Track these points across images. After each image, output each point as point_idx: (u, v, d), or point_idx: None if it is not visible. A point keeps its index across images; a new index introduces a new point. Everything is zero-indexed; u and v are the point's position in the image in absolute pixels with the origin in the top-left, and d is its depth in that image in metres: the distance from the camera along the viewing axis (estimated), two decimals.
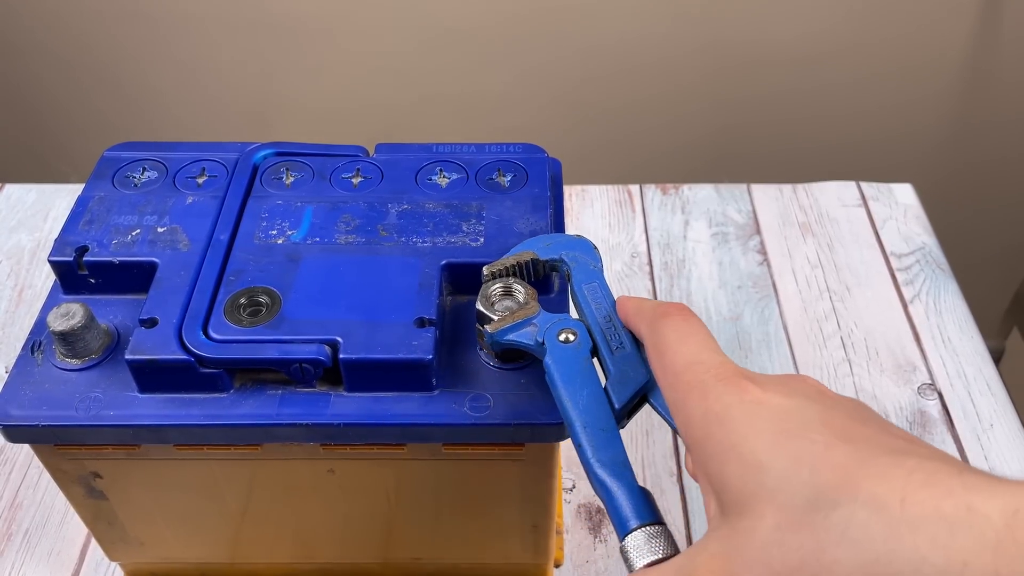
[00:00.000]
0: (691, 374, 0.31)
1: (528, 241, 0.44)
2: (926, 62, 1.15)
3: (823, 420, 0.28)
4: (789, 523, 0.26)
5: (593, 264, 0.43)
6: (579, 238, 0.44)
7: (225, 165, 0.51)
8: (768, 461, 0.27)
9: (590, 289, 0.42)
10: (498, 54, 1.15)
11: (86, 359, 0.43)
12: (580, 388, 0.37)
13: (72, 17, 1.14)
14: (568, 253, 0.43)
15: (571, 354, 0.39)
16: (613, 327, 0.40)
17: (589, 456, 0.35)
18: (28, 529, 0.59)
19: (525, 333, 0.40)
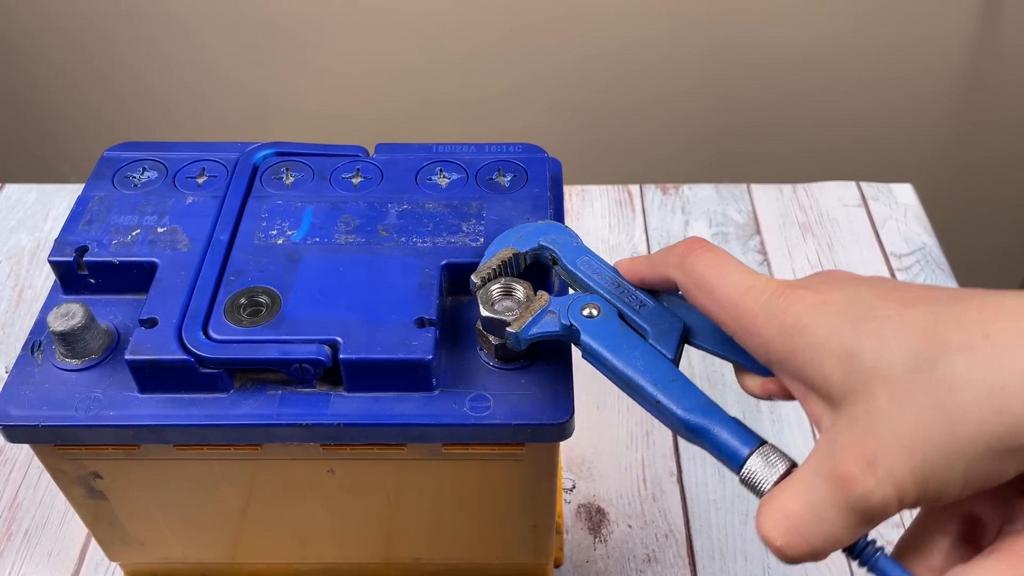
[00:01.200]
0: (750, 300, 0.33)
1: (500, 239, 0.44)
2: (926, 63, 1.15)
3: (879, 296, 0.31)
4: (901, 392, 0.28)
5: (574, 241, 0.43)
6: (549, 223, 0.44)
7: (225, 165, 0.51)
8: (858, 347, 0.30)
9: (584, 263, 0.42)
10: (498, 54, 1.15)
11: (86, 359, 0.43)
12: (630, 352, 0.38)
13: (72, 17, 1.14)
14: (545, 238, 0.43)
15: (603, 325, 0.39)
16: (625, 290, 0.41)
17: (674, 409, 0.36)
18: (28, 529, 0.59)
19: (548, 323, 0.40)
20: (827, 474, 0.30)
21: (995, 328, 0.28)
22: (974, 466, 0.28)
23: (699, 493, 0.61)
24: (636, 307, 0.40)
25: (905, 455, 0.28)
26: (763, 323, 0.32)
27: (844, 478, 0.30)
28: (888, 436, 0.28)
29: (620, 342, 0.38)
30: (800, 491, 0.31)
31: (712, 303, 0.35)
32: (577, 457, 0.63)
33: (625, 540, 0.59)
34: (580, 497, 0.61)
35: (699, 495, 0.61)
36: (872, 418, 0.29)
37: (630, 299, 0.40)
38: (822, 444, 0.31)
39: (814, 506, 0.31)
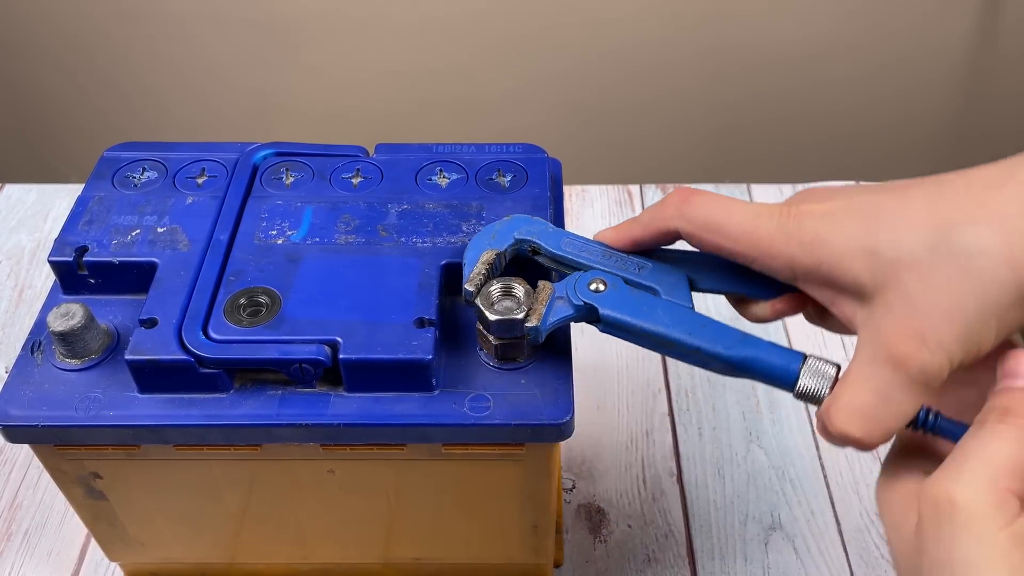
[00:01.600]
0: (762, 228, 0.36)
1: (474, 243, 0.43)
2: (926, 62, 1.15)
3: (874, 194, 0.35)
4: (927, 271, 0.32)
5: (548, 228, 0.43)
6: (514, 217, 0.44)
7: (225, 165, 0.51)
8: (875, 243, 0.33)
9: (568, 244, 0.42)
10: (499, 54, 1.16)
11: (86, 359, 0.43)
12: (653, 312, 0.39)
13: (72, 17, 1.14)
14: (519, 232, 0.43)
15: (616, 295, 0.40)
16: (617, 258, 0.41)
17: (717, 350, 0.38)
18: (28, 529, 0.59)
19: (561, 308, 0.41)
20: (884, 359, 0.33)
21: (986, 197, 0.32)
22: (1004, 316, 0.32)
23: (699, 493, 0.61)
24: (636, 271, 0.41)
25: (947, 323, 0.32)
26: (782, 244, 0.35)
27: (901, 357, 0.33)
28: (929, 311, 0.32)
29: (639, 306, 0.39)
30: (862, 382, 0.34)
31: (725, 240, 0.37)
32: (577, 457, 0.63)
33: (625, 540, 0.59)
34: (580, 497, 0.61)
35: (699, 495, 0.61)
36: (908, 300, 0.32)
37: (627, 265, 0.41)
38: (866, 336, 0.34)
39: (880, 391, 0.33)
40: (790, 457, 0.63)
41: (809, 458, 0.63)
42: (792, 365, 0.37)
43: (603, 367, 0.69)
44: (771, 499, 0.60)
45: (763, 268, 0.37)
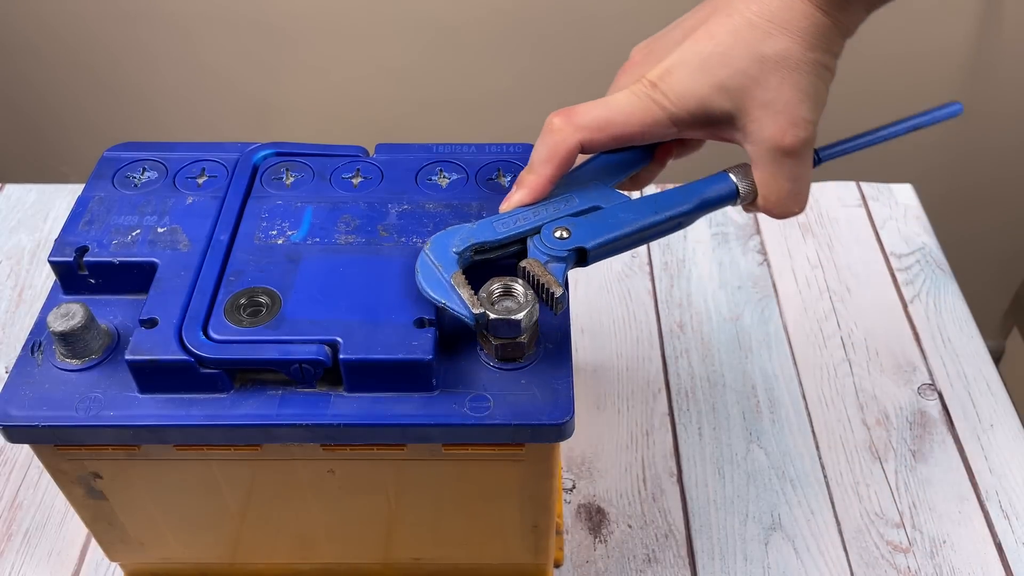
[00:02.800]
0: (639, 107, 0.44)
1: (427, 284, 0.42)
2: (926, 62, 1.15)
3: (689, 42, 0.44)
4: (764, 80, 0.42)
5: (470, 226, 0.44)
6: (434, 239, 0.43)
7: (225, 165, 0.51)
8: (721, 81, 0.43)
9: (500, 226, 0.44)
10: (499, 54, 1.15)
11: (86, 359, 0.43)
12: (618, 220, 0.43)
13: (72, 17, 1.14)
14: (453, 246, 0.43)
15: (582, 228, 0.43)
16: (547, 207, 0.44)
17: (681, 209, 0.45)
18: (28, 529, 0.59)
19: (557, 268, 0.42)
20: (780, 155, 0.43)
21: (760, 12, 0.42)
22: (820, 79, 0.44)
23: (699, 493, 0.61)
24: (569, 205, 0.44)
25: (800, 104, 0.42)
26: (659, 111, 0.43)
27: (789, 146, 0.43)
28: (785, 104, 0.42)
29: (606, 223, 0.43)
30: (777, 178, 0.44)
31: (619, 128, 0.43)
32: (577, 457, 0.63)
33: (625, 540, 0.59)
34: (580, 497, 0.61)
35: (699, 495, 0.61)
36: (767, 106, 0.42)
37: (559, 207, 0.44)
38: (755, 148, 0.44)
39: (792, 175, 0.44)
40: (790, 457, 0.63)
41: (809, 458, 0.63)
42: (726, 182, 0.45)
43: (603, 367, 0.69)
44: (771, 499, 0.60)
45: (650, 138, 0.44)
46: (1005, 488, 0.61)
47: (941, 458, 0.63)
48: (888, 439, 0.64)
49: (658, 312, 0.73)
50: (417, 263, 0.43)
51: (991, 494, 0.61)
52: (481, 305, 0.41)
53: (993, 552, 0.58)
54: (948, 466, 0.62)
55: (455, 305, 0.41)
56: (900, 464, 0.62)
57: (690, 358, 0.69)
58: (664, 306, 0.74)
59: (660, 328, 0.72)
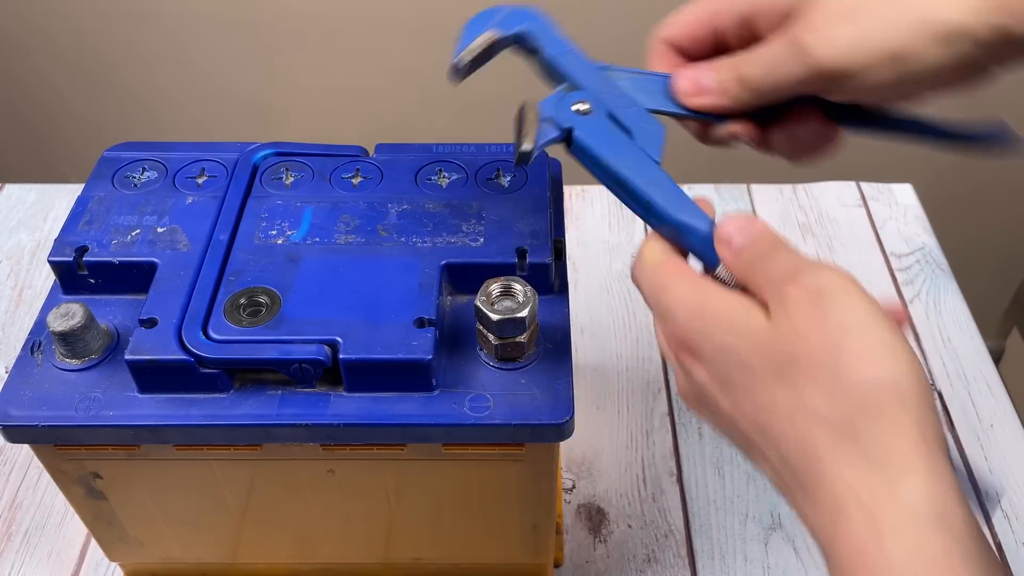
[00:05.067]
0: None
1: (477, 20, 0.43)
2: None
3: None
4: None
5: (556, 32, 0.42)
6: (527, 9, 0.42)
7: (225, 165, 0.51)
8: None
9: (567, 57, 0.41)
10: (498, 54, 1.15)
11: (86, 359, 0.43)
12: (621, 152, 0.39)
13: (72, 17, 1.14)
14: (530, 24, 0.42)
15: (595, 123, 0.40)
16: (609, 88, 0.40)
17: (664, 209, 0.38)
18: (28, 529, 0.59)
19: (547, 131, 0.40)
20: (788, 40, 0.39)
21: None
22: (910, 49, 0.37)
23: (699, 493, 0.61)
24: (622, 107, 0.40)
25: (850, 28, 0.37)
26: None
27: (802, 44, 0.38)
28: (838, 16, 0.38)
29: (613, 142, 0.39)
30: (761, 55, 0.40)
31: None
32: (577, 457, 0.63)
33: (625, 540, 0.59)
34: (580, 497, 0.61)
35: (699, 495, 0.61)
36: (825, 6, 0.38)
37: (616, 99, 0.41)
38: (779, 35, 0.39)
39: (773, 60, 0.40)
40: None
41: None
42: (711, 252, 0.38)
43: (603, 367, 0.69)
44: (771, 499, 0.60)
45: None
46: (1005, 488, 0.61)
47: None
48: None
49: None
50: (498, 6, 0.43)
51: (991, 495, 0.60)
52: (483, 301, 0.41)
53: (993, 552, 0.58)
54: None
55: (460, 44, 0.42)
56: None
57: None
58: None
59: None
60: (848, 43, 0.37)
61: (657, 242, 0.39)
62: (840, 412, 0.30)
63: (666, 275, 0.37)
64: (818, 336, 0.31)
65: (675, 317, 0.36)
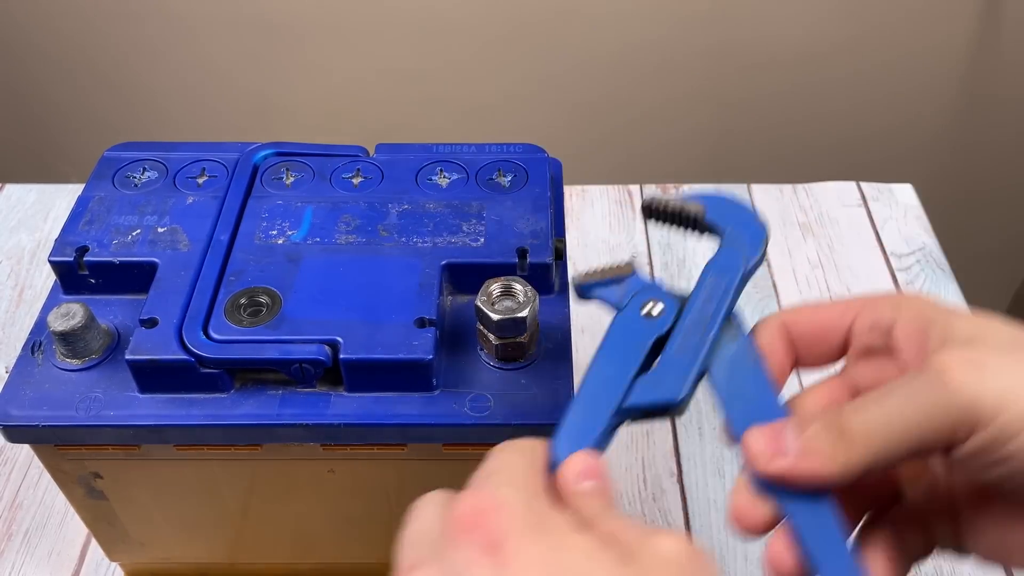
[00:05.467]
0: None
1: (702, 196, 0.38)
2: (926, 61, 1.15)
3: None
4: None
5: (746, 257, 0.36)
6: (751, 217, 0.37)
7: (225, 165, 0.51)
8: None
9: (715, 281, 0.36)
10: (499, 54, 1.15)
11: (86, 359, 0.43)
12: (610, 361, 0.34)
13: (72, 17, 1.14)
14: (730, 227, 0.37)
15: (638, 326, 0.35)
16: (698, 327, 0.34)
17: (560, 424, 0.34)
18: (28, 529, 0.59)
19: (611, 291, 0.36)
20: (925, 370, 0.31)
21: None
22: None
23: (699, 493, 0.61)
24: (675, 347, 0.34)
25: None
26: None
27: (947, 373, 0.29)
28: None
29: (622, 352, 0.34)
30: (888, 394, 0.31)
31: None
32: None
33: None
34: None
35: (699, 495, 0.61)
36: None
37: (689, 335, 0.34)
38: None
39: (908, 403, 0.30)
40: None
41: None
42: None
43: None
44: None
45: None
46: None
47: None
48: None
49: None
50: (726, 199, 0.38)
51: None
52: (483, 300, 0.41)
53: None
54: None
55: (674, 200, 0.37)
56: None
57: None
58: None
59: None
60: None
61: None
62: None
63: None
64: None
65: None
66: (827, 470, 0.29)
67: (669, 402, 0.33)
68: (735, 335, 0.34)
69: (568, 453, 0.33)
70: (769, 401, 0.32)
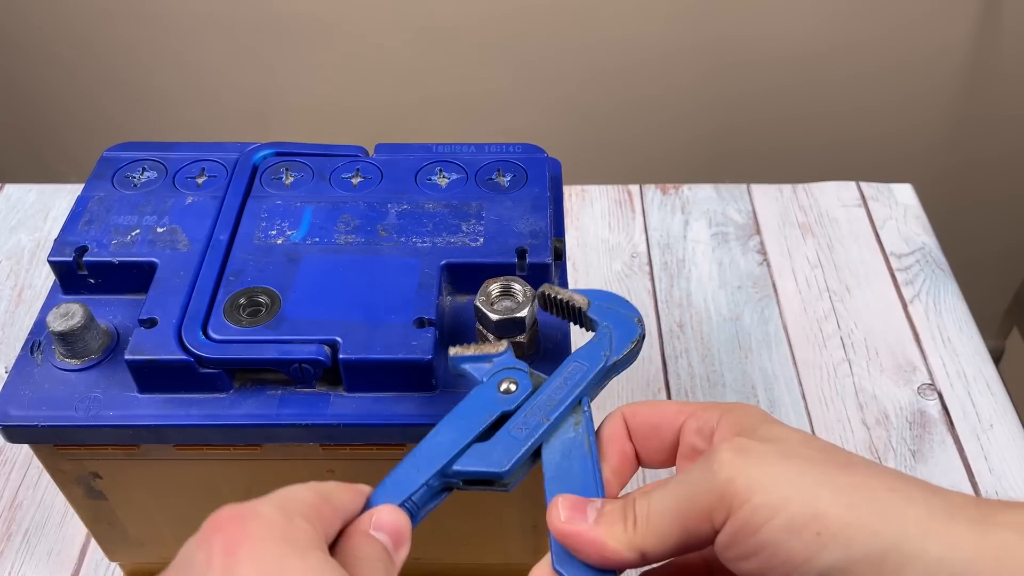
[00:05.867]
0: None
1: (593, 292, 0.40)
2: (926, 61, 1.15)
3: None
4: None
5: (605, 354, 0.38)
6: (628, 318, 0.39)
7: (225, 165, 0.51)
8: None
9: (574, 369, 0.37)
10: (498, 54, 1.15)
11: (86, 359, 0.43)
12: (451, 430, 0.35)
13: (72, 17, 1.14)
14: (606, 324, 0.39)
15: (489, 400, 0.36)
16: (543, 409, 0.36)
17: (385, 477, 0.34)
18: (28, 529, 0.59)
19: (479, 367, 0.38)
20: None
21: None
22: None
23: None
24: (513, 427, 0.35)
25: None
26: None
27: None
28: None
29: (464, 421, 0.35)
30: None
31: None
32: None
33: None
34: None
35: None
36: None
37: (528, 419, 0.35)
38: None
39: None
40: None
41: None
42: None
43: None
44: None
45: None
46: (1005, 488, 0.61)
47: (941, 458, 0.63)
48: (888, 439, 0.64)
49: (658, 312, 0.73)
50: (615, 297, 0.39)
51: (991, 494, 0.60)
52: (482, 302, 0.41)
53: None
54: (948, 466, 0.62)
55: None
56: (900, 464, 0.62)
57: (690, 358, 0.69)
58: (664, 306, 0.74)
59: (660, 328, 0.72)
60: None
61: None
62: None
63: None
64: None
65: None
66: (615, 543, 0.31)
67: (492, 473, 0.34)
68: (578, 422, 0.36)
69: (381, 503, 0.33)
70: (589, 484, 0.34)
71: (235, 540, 0.29)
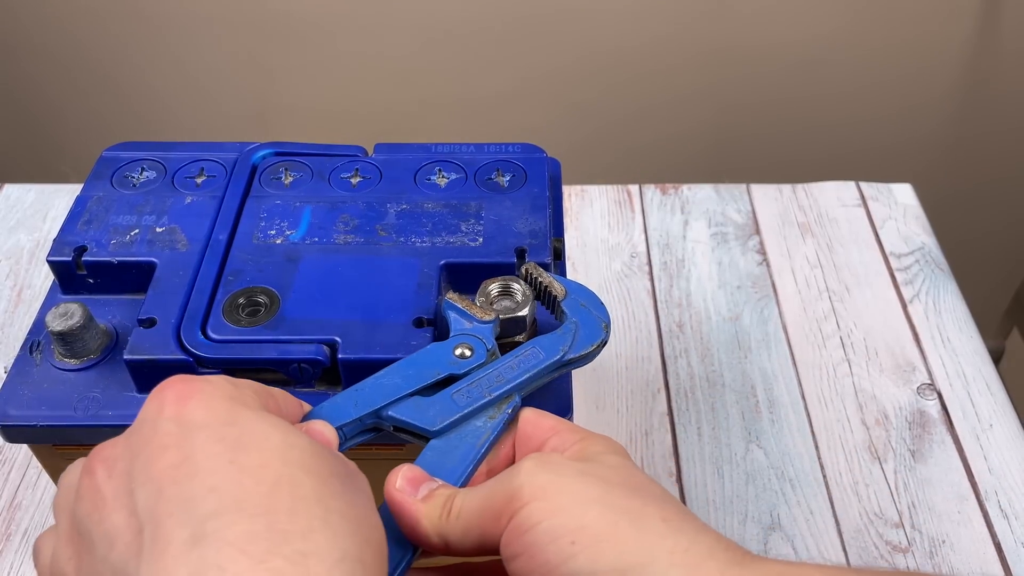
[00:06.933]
0: None
1: (573, 284, 0.41)
2: (926, 62, 1.15)
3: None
4: None
5: (564, 348, 0.38)
6: (597, 319, 0.40)
7: (224, 165, 0.51)
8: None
9: (529, 355, 0.38)
10: (498, 54, 1.15)
11: (85, 359, 0.43)
12: (397, 375, 0.37)
13: (71, 17, 1.14)
14: (574, 320, 0.40)
15: (443, 359, 0.37)
16: (487, 384, 0.37)
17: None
18: (27, 529, 0.59)
19: (457, 321, 0.39)
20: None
21: None
22: None
23: (698, 493, 0.61)
24: (454, 391, 0.37)
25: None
26: None
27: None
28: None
29: (406, 370, 0.37)
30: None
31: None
32: None
33: None
34: None
35: (698, 495, 0.61)
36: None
37: (472, 391, 0.37)
38: None
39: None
40: (789, 457, 0.63)
41: (808, 458, 0.63)
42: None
43: (603, 367, 0.68)
44: (770, 499, 0.60)
45: None
46: (1004, 488, 0.61)
47: (940, 458, 0.63)
48: (887, 439, 0.64)
49: (657, 312, 0.73)
50: (590, 294, 0.41)
51: (990, 494, 0.60)
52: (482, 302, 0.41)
53: (992, 552, 0.58)
54: (947, 466, 0.62)
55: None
56: (899, 464, 0.62)
57: (689, 358, 0.69)
58: (663, 306, 0.74)
59: (659, 328, 0.72)
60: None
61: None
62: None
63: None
64: None
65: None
66: (427, 524, 0.33)
67: (423, 429, 0.36)
68: (493, 416, 0.37)
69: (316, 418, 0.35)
70: (456, 471, 0.35)
71: (186, 392, 0.30)
